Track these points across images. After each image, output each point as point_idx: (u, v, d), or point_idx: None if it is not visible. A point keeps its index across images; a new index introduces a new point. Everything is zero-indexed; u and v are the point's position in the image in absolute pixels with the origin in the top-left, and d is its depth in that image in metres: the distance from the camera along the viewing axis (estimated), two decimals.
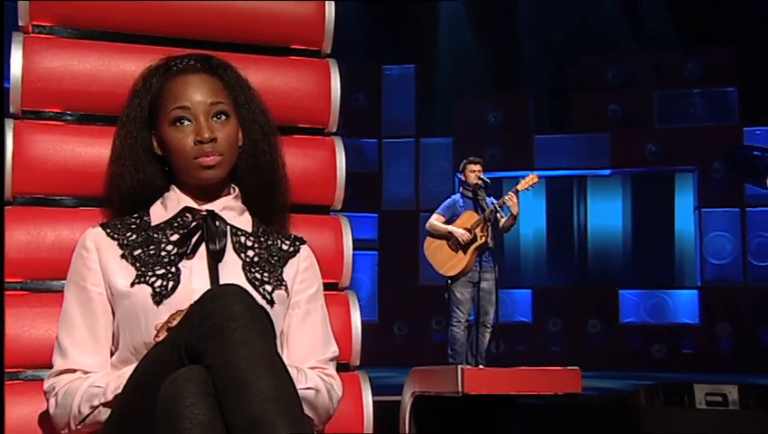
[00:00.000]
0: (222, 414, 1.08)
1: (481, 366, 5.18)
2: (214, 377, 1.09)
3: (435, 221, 5.40)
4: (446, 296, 5.40)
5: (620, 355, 7.38)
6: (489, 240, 5.25)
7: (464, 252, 5.29)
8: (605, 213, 7.99)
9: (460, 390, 1.36)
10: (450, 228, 5.27)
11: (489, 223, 5.23)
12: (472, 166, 5.37)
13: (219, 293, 1.17)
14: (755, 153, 6.71)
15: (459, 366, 1.39)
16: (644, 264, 7.84)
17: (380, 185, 7.97)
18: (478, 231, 5.25)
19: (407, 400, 1.46)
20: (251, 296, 1.18)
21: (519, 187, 5.23)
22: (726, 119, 7.43)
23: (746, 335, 7.19)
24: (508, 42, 7.85)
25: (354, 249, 6.86)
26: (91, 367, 1.30)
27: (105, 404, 1.24)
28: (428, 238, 5.48)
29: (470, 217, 5.29)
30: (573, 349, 7.56)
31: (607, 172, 7.81)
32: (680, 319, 7.50)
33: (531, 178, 5.25)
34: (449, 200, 5.48)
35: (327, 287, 1.60)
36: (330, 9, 1.60)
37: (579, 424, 3.50)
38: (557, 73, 7.85)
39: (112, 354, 1.33)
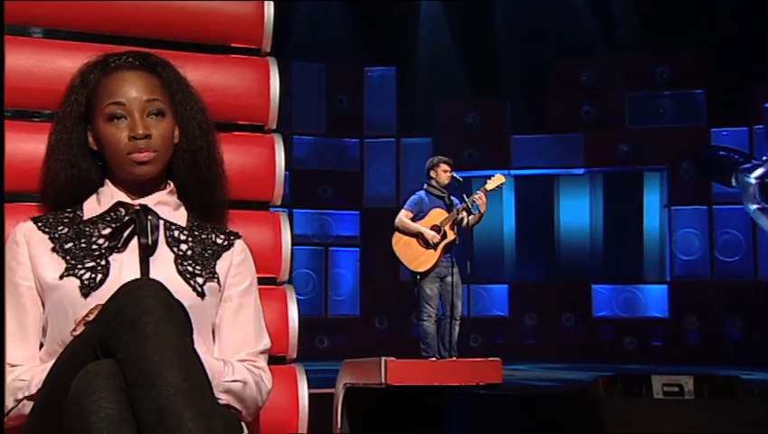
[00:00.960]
0: (132, 408, 1.05)
1: (454, 357, 5.17)
2: (125, 371, 1.07)
3: (404, 217, 5.38)
4: (416, 291, 5.39)
5: (592, 348, 7.39)
6: (457, 237, 5.25)
7: (434, 249, 5.28)
8: (579, 211, 8.00)
9: (383, 381, 1.34)
10: (420, 228, 5.23)
11: (457, 220, 5.23)
12: (445, 166, 5.36)
13: (132, 287, 1.14)
14: (722, 153, 6.72)
15: (383, 358, 1.37)
16: (616, 260, 7.85)
17: (362, 184, 7.95)
18: (447, 228, 5.25)
19: (339, 392, 1.44)
20: (166, 289, 1.16)
21: (487, 187, 5.22)
22: (695, 120, 7.43)
23: (713, 328, 7.20)
24: (485, 46, 7.84)
25: (337, 245, 6.88)
26: (18, 360, 1.27)
27: (29, 398, 1.21)
28: (396, 233, 5.45)
29: (439, 214, 5.28)
30: (548, 342, 7.57)
31: (581, 171, 7.81)
32: (650, 313, 7.51)
33: (498, 178, 5.25)
34: (415, 196, 5.45)
35: (266, 281, 1.58)
36: (269, 8, 1.58)
37: (540, 415, 3.49)
38: (532, 76, 7.85)
39: (42, 348, 1.31)
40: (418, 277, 5.37)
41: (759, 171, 6.15)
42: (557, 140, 7.76)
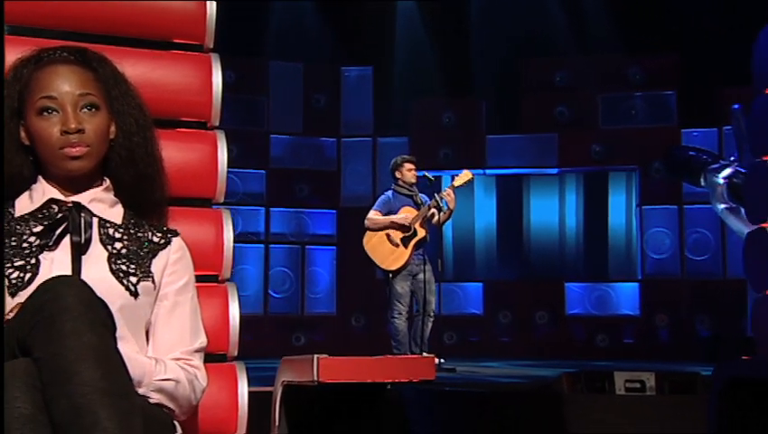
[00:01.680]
0: (47, 407, 1.03)
1: (424, 354, 5.16)
2: (41, 369, 1.04)
3: (373, 215, 5.39)
4: (387, 289, 5.39)
5: (565, 345, 7.40)
6: (427, 235, 5.25)
7: (405, 247, 5.28)
8: (553, 210, 8.02)
9: (315, 378, 1.32)
10: (391, 217, 5.28)
11: (426, 218, 5.23)
12: (409, 165, 5.38)
13: (52, 284, 1.11)
14: (691, 153, 6.73)
15: (315, 355, 1.35)
16: (589, 258, 7.88)
17: (339, 183, 7.92)
18: (418, 225, 5.24)
19: (277, 389, 1.42)
20: (88, 287, 1.13)
21: (455, 184, 5.24)
22: (666, 121, 7.47)
23: (683, 326, 7.25)
24: (461, 46, 7.84)
25: (314, 244, 6.83)
26: None
27: None
28: (368, 233, 5.46)
29: (408, 213, 5.28)
30: (521, 340, 7.58)
31: (554, 171, 7.82)
32: (622, 311, 7.54)
33: (466, 174, 5.26)
34: (383, 196, 5.48)
35: (207, 279, 1.55)
36: (211, 4, 1.55)
37: (504, 411, 3.48)
38: (507, 76, 7.86)
39: None
40: (390, 275, 5.38)
41: (727, 171, 6.18)
42: (531, 140, 7.77)
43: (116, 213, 1.38)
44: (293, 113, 7.86)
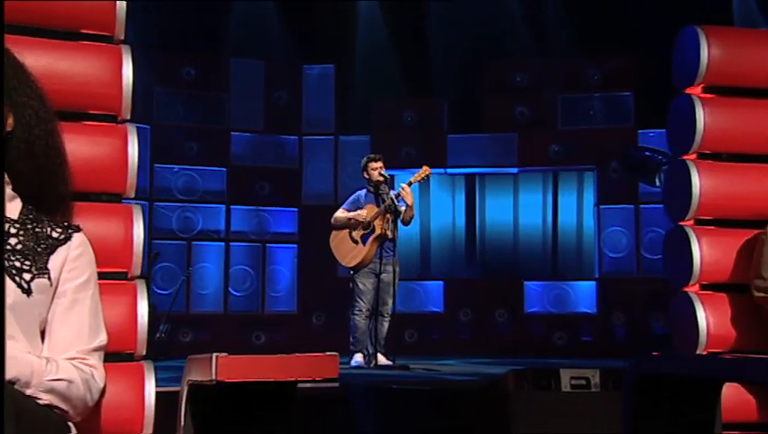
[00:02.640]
0: None
1: (380, 353, 5.14)
2: None
3: (339, 213, 5.40)
4: (351, 286, 5.38)
5: (524, 343, 7.43)
6: (389, 232, 5.23)
7: (363, 244, 5.27)
8: (513, 209, 8.05)
9: (213, 377, 1.28)
10: (350, 214, 5.29)
11: (388, 215, 5.21)
12: (374, 164, 5.37)
13: None
14: (647, 153, 6.82)
15: (214, 354, 1.32)
16: (548, 257, 7.92)
17: (301, 181, 7.86)
18: (377, 222, 5.23)
19: (183, 389, 1.38)
20: None
21: (412, 180, 5.24)
22: (623, 122, 7.54)
23: (639, 324, 7.31)
24: (422, 47, 7.83)
25: (275, 242, 6.76)
26: None
27: None
28: (333, 231, 5.47)
29: (370, 210, 5.29)
30: (481, 337, 7.60)
31: (514, 170, 7.85)
32: (580, 309, 7.59)
33: (424, 171, 5.26)
34: (354, 195, 5.49)
35: (116, 276, 1.51)
36: None
37: (450, 409, 3.47)
38: (468, 77, 7.87)
39: None
40: (352, 272, 5.38)
41: None
42: (492, 140, 7.79)
43: (13, 208, 1.32)
44: (254, 111, 7.78)
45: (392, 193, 5.22)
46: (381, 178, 5.24)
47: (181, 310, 7.22)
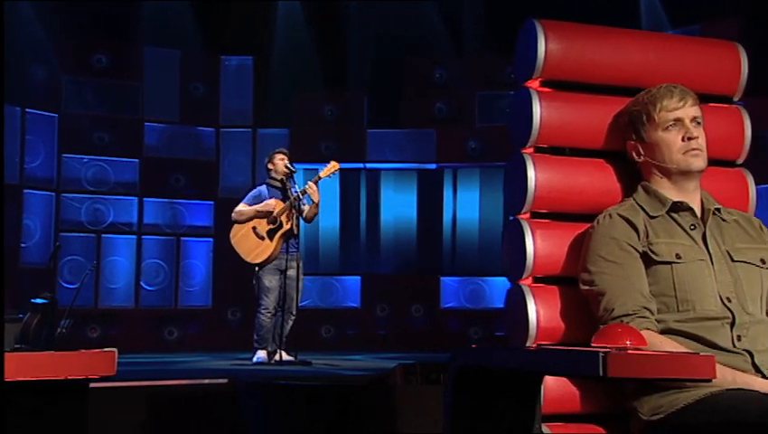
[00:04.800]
0: None
1: (283, 351, 5.07)
2: None
3: (241, 207, 5.30)
4: (254, 283, 5.28)
5: (440, 338, 7.47)
6: (294, 227, 5.16)
7: (270, 239, 5.18)
8: (431, 205, 8.08)
9: None
10: (256, 206, 5.20)
11: (294, 211, 5.14)
12: (280, 156, 5.29)
13: None
14: None
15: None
16: (464, 253, 7.98)
17: (217, 173, 7.71)
18: (283, 217, 5.15)
19: None
20: None
21: (321, 175, 5.17)
22: None
23: None
24: (342, 40, 7.78)
25: (190, 235, 6.59)
26: None
27: None
28: (235, 226, 5.36)
29: (276, 205, 5.20)
30: (398, 332, 7.60)
31: (433, 166, 7.89)
32: (495, 304, 7.67)
33: (333, 166, 5.20)
34: (255, 190, 5.39)
35: None
36: None
37: (338, 404, 3.43)
38: (388, 73, 7.86)
39: None
40: (257, 268, 5.27)
41: None
42: (411, 135, 7.80)
43: None
44: (169, 101, 7.58)
45: (298, 189, 5.15)
46: (287, 171, 5.17)
47: (89, 305, 6.99)
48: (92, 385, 1.35)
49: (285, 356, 4.97)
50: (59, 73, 7.02)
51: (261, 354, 5.08)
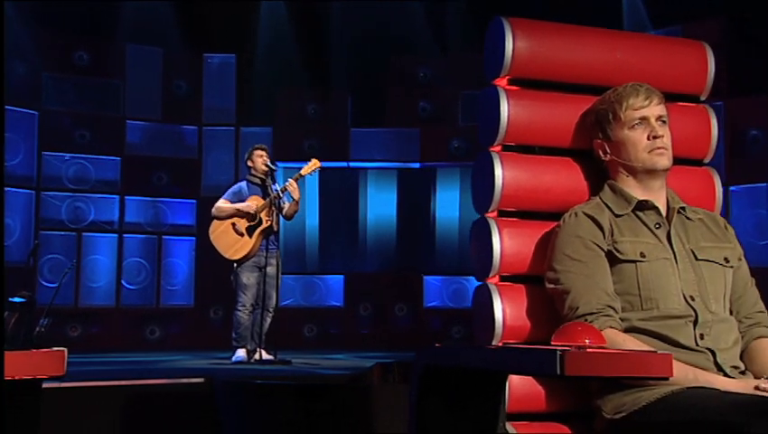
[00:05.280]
0: None
1: (262, 349, 5.05)
2: None
3: (221, 204, 5.28)
4: (232, 279, 5.26)
5: (423, 337, 7.47)
6: (274, 224, 5.14)
7: (249, 236, 5.16)
8: (415, 204, 8.08)
9: None
10: (237, 205, 5.17)
11: (274, 208, 5.12)
12: (260, 152, 5.26)
13: None
14: None
15: None
16: (447, 252, 7.99)
17: (200, 172, 7.67)
18: (263, 214, 5.13)
19: None
20: None
21: (302, 172, 5.15)
22: None
23: None
24: (325, 39, 7.77)
25: (172, 234, 6.53)
26: None
27: None
28: (214, 222, 5.34)
29: (258, 201, 5.18)
30: (381, 331, 7.60)
31: (417, 165, 7.88)
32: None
33: (314, 163, 5.18)
34: (235, 186, 5.37)
35: None
36: None
37: (314, 403, 3.41)
38: (372, 71, 7.84)
39: None
40: (235, 265, 5.25)
41: None
42: (395, 134, 7.80)
43: None
44: (151, 99, 7.54)
45: (278, 187, 5.13)
46: (266, 168, 5.14)
47: (69, 304, 6.94)
48: (65, 385, 1.33)
49: (265, 355, 4.94)
50: (39, 70, 6.96)
51: (240, 353, 5.06)
